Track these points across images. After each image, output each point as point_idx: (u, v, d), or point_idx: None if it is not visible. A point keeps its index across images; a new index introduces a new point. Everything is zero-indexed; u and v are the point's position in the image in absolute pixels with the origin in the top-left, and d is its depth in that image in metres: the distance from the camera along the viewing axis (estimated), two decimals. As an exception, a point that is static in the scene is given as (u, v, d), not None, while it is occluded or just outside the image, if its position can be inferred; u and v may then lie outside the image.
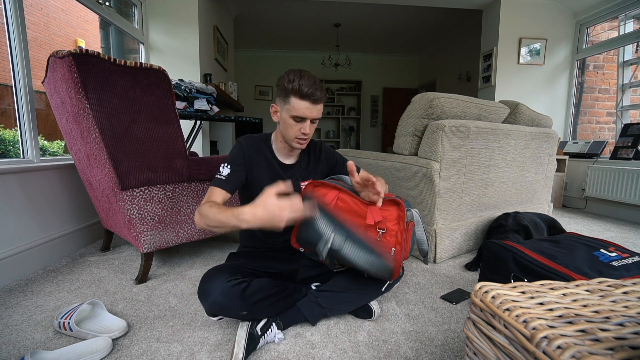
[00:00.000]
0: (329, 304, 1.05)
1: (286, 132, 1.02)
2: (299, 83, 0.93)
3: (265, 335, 0.95)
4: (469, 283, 1.41)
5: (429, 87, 6.40)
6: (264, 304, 0.96)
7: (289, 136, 1.02)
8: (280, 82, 0.98)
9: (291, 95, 0.95)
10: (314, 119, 1.00)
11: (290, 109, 0.97)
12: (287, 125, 1.00)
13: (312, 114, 0.98)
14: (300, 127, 0.99)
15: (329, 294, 1.06)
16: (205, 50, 3.30)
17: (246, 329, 0.91)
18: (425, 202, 1.63)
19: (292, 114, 0.97)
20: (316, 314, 1.05)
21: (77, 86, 1.11)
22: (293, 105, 0.96)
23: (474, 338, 0.59)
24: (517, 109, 1.99)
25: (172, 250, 1.78)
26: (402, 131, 1.75)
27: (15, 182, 1.42)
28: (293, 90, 0.94)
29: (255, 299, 0.93)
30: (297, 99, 0.95)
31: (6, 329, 1.02)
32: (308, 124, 0.99)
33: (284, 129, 1.02)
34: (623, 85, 3.17)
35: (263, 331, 0.94)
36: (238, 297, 0.89)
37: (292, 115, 0.97)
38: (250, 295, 0.92)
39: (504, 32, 3.47)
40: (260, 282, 0.96)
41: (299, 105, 0.95)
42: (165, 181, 1.37)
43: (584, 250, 1.08)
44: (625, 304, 0.54)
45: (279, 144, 1.10)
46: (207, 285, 0.91)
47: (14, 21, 1.47)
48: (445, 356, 0.92)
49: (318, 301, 1.04)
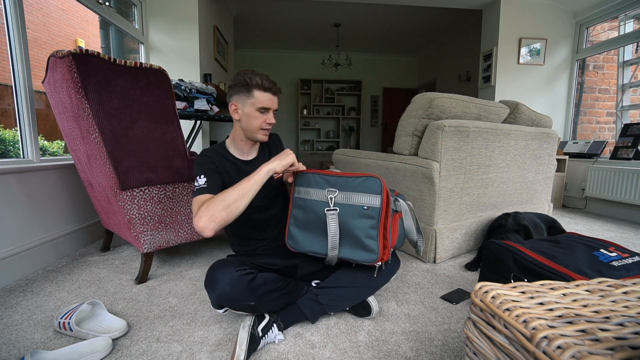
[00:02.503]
0: (328, 301, 1.05)
1: (250, 125, 1.09)
2: (260, 79, 1.05)
3: (266, 336, 0.95)
4: (469, 283, 1.41)
5: (429, 87, 6.40)
6: (270, 297, 0.99)
7: (253, 128, 1.09)
8: (239, 80, 1.06)
9: (254, 89, 1.05)
10: (275, 110, 1.12)
11: (255, 102, 1.06)
12: (251, 118, 1.08)
13: (274, 105, 1.10)
14: (265, 117, 1.09)
15: (328, 290, 1.06)
16: (205, 50, 3.29)
17: (248, 330, 0.91)
18: (425, 202, 1.63)
19: (258, 106, 1.07)
20: (316, 312, 1.05)
21: (77, 86, 1.11)
22: (258, 98, 1.06)
23: (474, 338, 0.59)
24: (517, 109, 1.99)
25: (172, 250, 1.78)
26: (402, 131, 1.75)
27: (15, 182, 1.42)
28: (256, 85, 1.05)
29: (262, 291, 0.96)
30: (261, 92, 1.06)
31: (6, 329, 1.02)
32: (272, 114, 1.10)
33: (248, 122, 1.09)
34: (623, 85, 3.17)
35: (264, 332, 0.95)
36: (246, 287, 0.92)
37: (257, 107, 1.07)
38: (257, 287, 0.95)
39: (504, 32, 3.47)
40: (265, 276, 1.00)
41: (263, 97, 1.06)
42: (165, 181, 1.37)
43: (584, 250, 1.08)
44: (625, 304, 0.54)
45: (237, 143, 1.16)
46: (215, 274, 0.94)
47: (14, 21, 1.47)
48: (445, 356, 0.92)
49: (317, 298, 1.05)
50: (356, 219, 0.97)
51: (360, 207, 0.97)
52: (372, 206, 0.96)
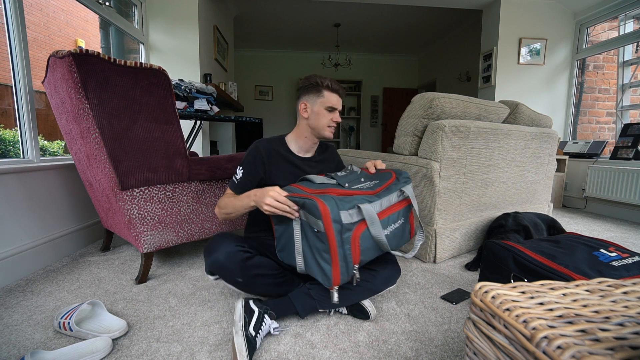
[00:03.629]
0: (320, 297, 1.06)
1: (318, 123, 1.18)
2: (330, 81, 1.17)
3: (260, 331, 0.95)
4: (469, 283, 1.41)
5: (429, 87, 6.39)
6: (261, 281, 1.03)
7: (321, 125, 1.18)
8: (310, 82, 1.17)
9: (324, 90, 1.16)
10: (340, 110, 1.22)
11: (324, 101, 1.16)
12: (320, 116, 1.17)
13: (339, 106, 1.20)
14: (332, 116, 1.18)
15: (322, 286, 1.06)
16: (205, 50, 3.29)
17: (242, 334, 0.90)
18: (425, 202, 1.63)
19: (327, 105, 1.17)
20: (306, 307, 1.06)
21: (77, 86, 1.11)
22: (327, 97, 1.16)
23: (474, 338, 0.59)
24: (517, 109, 1.99)
25: (172, 250, 1.78)
26: (402, 131, 1.75)
27: (15, 182, 1.42)
28: (326, 86, 1.16)
29: (254, 273, 1.01)
30: (330, 93, 1.17)
31: (6, 329, 1.02)
32: (338, 113, 1.20)
33: (316, 120, 1.18)
34: (623, 85, 3.17)
35: (257, 329, 0.95)
36: (238, 263, 0.98)
37: (326, 106, 1.17)
38: (251, 267, 1.00)
39: (504, 32, 3.47)
40: (262, 260, 1.05)
41: (332, 97, 1.17)
42: (165, 181, 1.37)
43: (584, 250, 1.08)
44: (625, 304, 0.54)
45: (301, 140, 1.23)
46: (215, 244, 1.02)
47: (14, 21, 1.47)
48: (445, 356, 0.92)
49: (310, 292, 1.06)
50: (314, 239, 0.93)
51: (312, 228, 0.92)
52: (320, 231, 0.88)
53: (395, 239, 1.06)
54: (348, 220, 0.91)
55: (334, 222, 0.88)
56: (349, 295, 1.07)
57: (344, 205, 0.92)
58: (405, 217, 1.12)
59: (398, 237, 1.08)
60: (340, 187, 1.01)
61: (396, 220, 1.06)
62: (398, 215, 1.07)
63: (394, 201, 1.06)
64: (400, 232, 1.09)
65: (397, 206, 1.07)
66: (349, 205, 0.92)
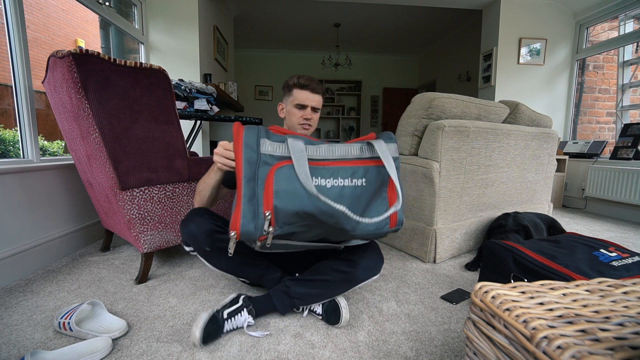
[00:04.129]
0: (299, 294, 1.05)
1: (291, 122, 1.19)
2: (298, 78, 1.17)
3: (233, 319, 0.98)
4: (469, 283, 1.41)
5: (429, 87, 6.39)
6: (227, 257, 0.99)
7: (293, 124, 1.19)
8: (284, 84, 1.22)
9: (293, 88, 1.18)
10: (314, 107, 1.19)
11: (293, 99, 1.18)
12: (291, 115, 1.19)
13: (312, 102, 1.18)
14: (302, 113, 1.18)
15: (300, 282, 1.06)
16: (205, 50, 3.29)
17: (210, 311, 0.96)
18: (425, 202, 1.63)
19: (295, 103, 1.17)
20: (286, 305, 1.06)
21: (77, 86, 1.11)
22: (295, 95, 1.17)
23: (474, 338, 0.59)
24: (517, 109, 1.99)
25: (172, 250, 1.78)
26: (402, 131, 1.75)
27: (15, 182, 1.42)
28: (294, 84, 1.17)
29: (222, 245, 0.99)
30: (298, 90, 1.17)
31: (6, 329, 1.02)
32: (309, 110, 1.18)
33: (289, 119, 1.20)
34: (623, 85, 3.17)
35: (230, 315, 0.98)
36: (206, 232, 0.98)
37: (295, 104, 1.17)
38: (218, 240, 0.99)
39: (504, 32, 3.47)
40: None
41: (299, 94, 1.17)
42: (165, 181, 1.37)
43: (584, 250, 1.08)
44: (625, 304, 0.54)
45: None
46: (189, 215, 1.02)
47: (14, 21, 1.47)
48: (445, 356, 0.92)
49: (288, 291, 1.06)
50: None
51: None
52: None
53: (347, 200, 0.79)
54: (268, 150, 0.76)
55: (245, 146, 0.74)
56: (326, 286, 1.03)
57: (276, 137, 0.78)
58: (375, 184, 0.83)
59: (351, 200, 0.80)
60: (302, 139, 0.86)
61: (350, 177, 0.80)
62: (355, 173, 0.81)
63: (353, 154, 0.84)
64: (357, 195, 0.81)
65: (358, 162, 0.83)
66: (281, 138, 0.79)
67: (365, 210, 0.84)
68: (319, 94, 1.20)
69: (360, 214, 0.81)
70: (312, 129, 1.22)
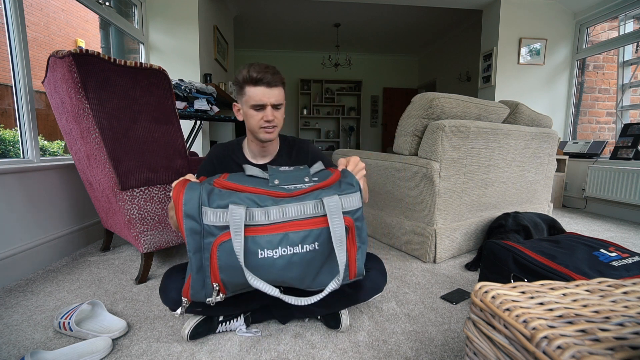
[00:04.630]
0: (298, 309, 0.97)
1: (250, 125, 1.00)
2: (248, 71, 0.93)
3: (228, 322, 0.98)
4: (469, 283, 1.41)
5: (429, 87, 6.39)
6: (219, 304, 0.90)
7: (254, 128, 0.99)
8: (234, 79, 0.97)
9: (245, 85, 0.95)
10: (275, 104, 0.97)
11: (247, 99, 0.96)
12: (249, 118, 0.98)
13: (270, 99, 0.95)
14: (262, 115, 0.96)
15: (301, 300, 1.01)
16: (205, 50, 3.29)
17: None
18: (425, 202, 1.63)
19: (251, 104, 0.96)
20: (286, 315, 1.03)
21: (77, 86, 1.11)
22: (249, 94, 0.95)
23: (474, 338, 0.59)
24: (517, 109, 1.99)
25: (172, 250, 1.78)
26: (402, 131, 1.75)
27: (15, 182, 1.42)
28: (244, 80, 0.94)
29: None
30: (251, 87, 0.94)
31: (6, 329, 1.02)
32: (269, 110, 0.96)
33: (248, 122, 1.00)
34: (623, 85, 3.17)
35: (227, 318, 0.98)
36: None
37: (251, 105, 0.96)
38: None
39: (504, 32, 3.47)
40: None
41: (254, 92, 0.94)
42: (165, 181, 1.37)
43: (584, 250, 1.08)
44: (625, 304, 0.53)
45: (250, 144, 1.08)
46: (165, 282, 0.95)
47: (14, 21, 1.47)
48: (445, 356, 0.92)
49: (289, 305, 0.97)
50: None
51: None
52: None
53: (296, 268, 0.75)
54: (211, 220, 0.70)
55: (185, 217, 0.70)
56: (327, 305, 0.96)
57: (219, 199, 0.71)
58: (329, 244, 0.75)
59: (301, 266, 0.75)
60: (264, 185, 0.77)
61: (301, 243, 0.74)
62: (306, 238, 0.74)
63: (307, 214, 0.74)
64: (308, 260, 0.75)
65: (311, 223, 0.75)
66: (225, 202, 0.71)
67: (317, 274, 0.80)
68: (277, 87, 0.96)
69: (312, 278, 0.79)
70: (278, 129, 1.02)
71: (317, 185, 0.79)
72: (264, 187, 0.77)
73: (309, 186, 0.80)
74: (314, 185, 0.79)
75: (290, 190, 0.77)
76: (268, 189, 0.76)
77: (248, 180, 0.80)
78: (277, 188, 0.77)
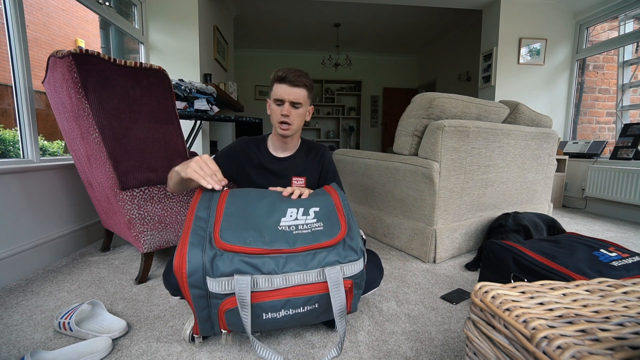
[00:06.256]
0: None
1: (272, 119, 1.12)
2: (277, 71, 1.06)
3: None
4: (469, 283, 1.41)
5: (429, 87, 6.39)
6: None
7: (274, 122, 1.11)
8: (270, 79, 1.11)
9: (273, 83, 1.08)
10: (294, 102, 1.07)
11: (272, 94, 1.09)
12: (272, 111, 1.11)
13: (290, 97, 1.06)
14: (281, 110, 1.07)
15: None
16: (205, 50, 3.29)
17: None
18: (425, 202, 1.63)
19: (274, 98, 1.08)
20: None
21: (77, 86, 1.11)
22: (274, 90, 1.08)
23: (474, 338, 0.59)
24: (517, 109, 1.99)
25: (172, 250, 1.78)
26: (402, 131, 1.75)
27: (15, 182, 1.42)
28: (273, 78, 1.08)
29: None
30: (277, 84, 1.07)
31: (6, 329, 1.02)
32: (287, 106, 1.07)
33: (271, 117, 1.12)
34: (623, 85, 3.17)
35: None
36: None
37: (274, 99, 1.09)
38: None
39: (504, 32, 3.47)
40: None
41: (277, 89, 1.06)
42: (165, 181, 1.37)
43: (584, 250, 1.08)
44: (625, 304, 0.54)
45: (273, 137, 1.20)
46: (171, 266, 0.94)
47: (14, 21, 1.47)
48: (445, 356, 0.92)
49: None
50: None
51: None
52: None
53: (296, 321, 0.82)
54: (215, 289, 0.72)
55: (191, 287, 0.71)
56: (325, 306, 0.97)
57: (222, 266, 0.71)
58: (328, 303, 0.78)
59: (301, 319, 0.82)
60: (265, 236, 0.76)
61: (303, 305, 0.77)
62: (308, 302, 0.77)
63: (310, 281, 0.76)
64: (308, 314, 0.80)
65: (313, 290, 0.76)
66: (228, 270, 0.71)
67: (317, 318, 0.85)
68: (299, 87, 1.05)
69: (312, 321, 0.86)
70: (293, 127, 1.09)
71: (320, 244, 0.78)
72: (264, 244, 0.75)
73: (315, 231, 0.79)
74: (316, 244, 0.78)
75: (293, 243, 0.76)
76: (270, 248, 0.74)
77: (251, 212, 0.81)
78: (278, 242, 0.76)
